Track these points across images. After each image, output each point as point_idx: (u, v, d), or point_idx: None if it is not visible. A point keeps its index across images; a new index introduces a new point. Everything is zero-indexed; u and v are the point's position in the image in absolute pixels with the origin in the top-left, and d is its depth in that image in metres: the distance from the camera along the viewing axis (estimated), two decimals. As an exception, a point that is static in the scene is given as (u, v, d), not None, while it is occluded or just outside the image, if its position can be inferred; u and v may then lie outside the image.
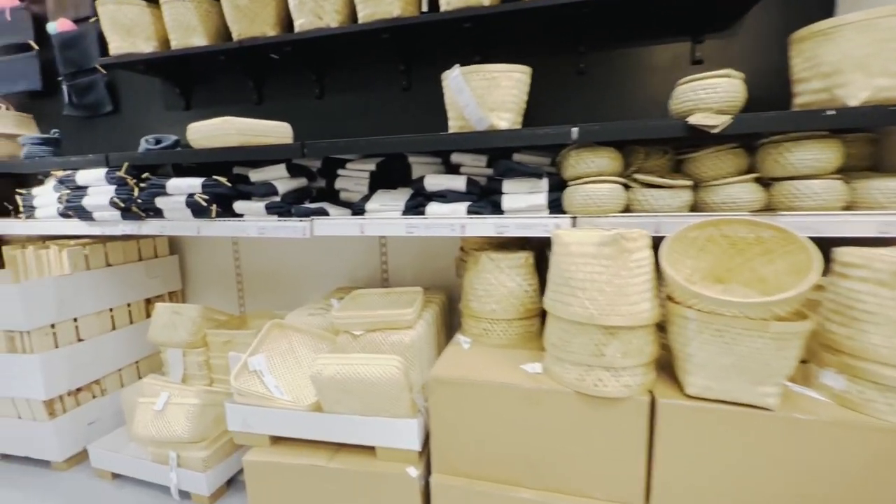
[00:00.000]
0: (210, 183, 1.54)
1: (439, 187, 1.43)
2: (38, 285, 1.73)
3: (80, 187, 1.71)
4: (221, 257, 2.35)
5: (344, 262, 2.15)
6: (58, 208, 1.77)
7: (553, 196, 1.33)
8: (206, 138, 1.52)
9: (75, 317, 1.86)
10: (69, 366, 1.83)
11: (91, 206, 1.68)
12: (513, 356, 1.31)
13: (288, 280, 2.25)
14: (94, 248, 1.94)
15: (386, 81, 1.93)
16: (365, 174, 1.67)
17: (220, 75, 2.15)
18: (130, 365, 2.11)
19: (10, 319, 1.71)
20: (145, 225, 1.67)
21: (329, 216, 1.51)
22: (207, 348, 1.93)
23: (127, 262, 2.10)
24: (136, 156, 1.63)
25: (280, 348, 1.55)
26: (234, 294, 2.36)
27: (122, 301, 2.07)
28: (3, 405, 1.84)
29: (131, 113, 2.37)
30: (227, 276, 2.35)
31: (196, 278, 2.43)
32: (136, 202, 1.63)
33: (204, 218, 1.58)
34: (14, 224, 1.89)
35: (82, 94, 2.35)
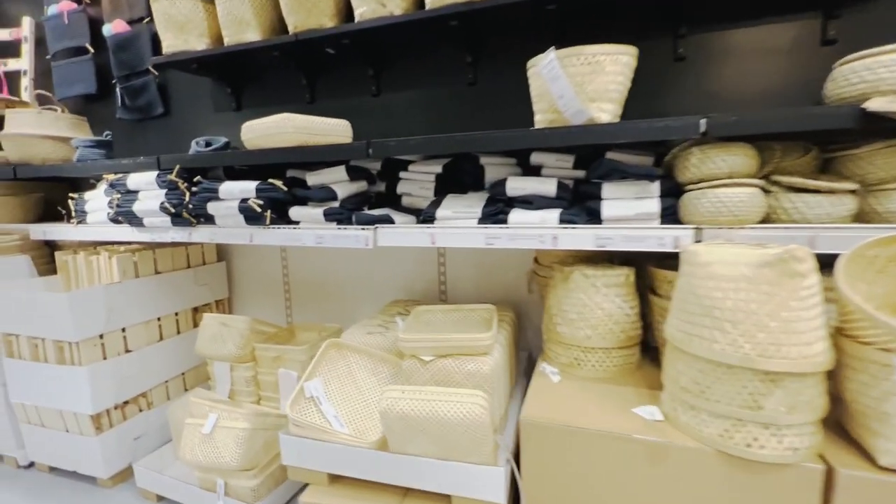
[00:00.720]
0: (265, 187, 1.40)
1: (523, 192, 1.23)
2: (87, 294, 1.65)
3: (131, 191, 1.62)
4: (269, 264, 2.23)
5: (398, 272, 1.99)
6: (108, 213, 1.69)
7: (667, 203, 1.10)
8: (262, 137, 1.39)
9: (123, 327, 1.78)
10: (117, 378, 1.74)
11: (141, 211, 1.58)
12: (617, 395, 1.09)
13: (337, 290, 2.11)
14: (144, 254, 1.86)
15: (450, 76, 1.75)
16: (430, 177, 1.49)
17: (271, 74, 2.04)
18: (177, 377, 2.02)
19: (59, 330, 1.64)
20: (196, 232, 1.56)
21: (394, 224, 1.34)
22: (256, 363, 1.81)
23: (175, 269, 2.01)
24: (188, 157, 1.52)
25: (338, 371, 1.39)
26: (282, 303, 2.24)
27: (170, 310, 1.98)
28: (51, 417, 1.77)
29: (182, 115, 2.30)
30: (274, 284, 2.24)
31: (243, 286, 2.33)
32: (187, 207, 1.51)
33: (257, 225, 1.45)
34: (64, 229, 1.83)
35: (135, 97, 2.30)
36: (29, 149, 1.89)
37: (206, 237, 1.54)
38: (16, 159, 1.92)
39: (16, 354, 1.78)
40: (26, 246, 1.98)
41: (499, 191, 1.26)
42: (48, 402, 1.73)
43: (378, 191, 1.61)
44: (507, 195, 1.25)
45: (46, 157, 1.92)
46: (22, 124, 1.88)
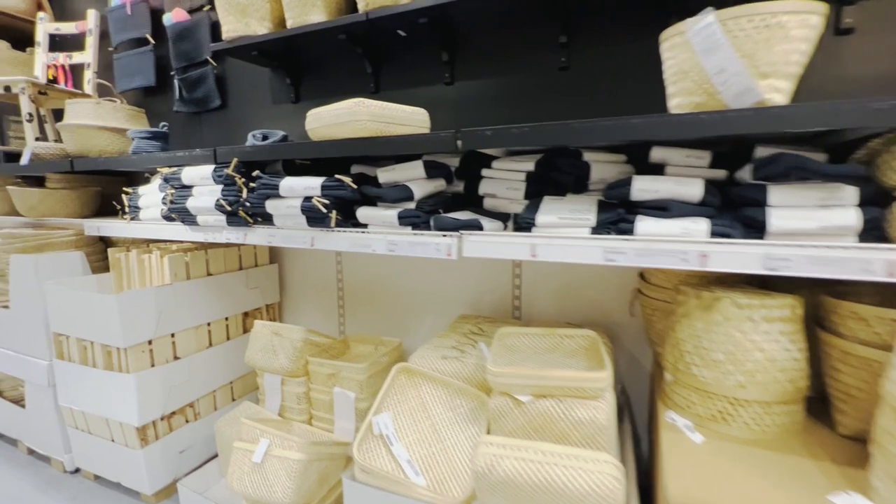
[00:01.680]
0: (332, 184, 1.21)
1: (656, 195, 0.97)
2: (137, 297, 1.53)
3: (185, 187, 1.48)
4: (323, 268, 2.07)
5: (465, 283, 1.76)
6: (162, 210, 1.56)
7: (870, 213, 0.82)
8: (330, 127, 1.20)
9: (173, 332, 1.66)
10: (164, 387, 1.62)
11: (195, 208, 1.44)
12: (795, 469, 0.81)
13: (395, 300, 1.91)
14: (196, 255, 1.73)
15: (538, 61, 1.51)
16: (520, 175, 1.25)
17: (333, 61, 1.88)
18: (225, 386, 1.89)
19: (107, 333, 1.52)
20: (251, 233, 1.40)
21: (483, 231, 1.11)
22: (309, 378, 1.64)
23: (227, 270, 1.88)
24: (247, 150, 1.36)
25: (409, 403, 1.18)
26: (334, 311, 2.07)
27: (221, 314, 1.85)
28: (97, 424, 1.67)
29: (238, 107, 2.19)
30: (327, 289, 2.07)
31: (294, 290, 2.18)
32: (244, 205, 1.35)
33: (321, 227, 1.27)
34: (117, 226, 1.73)
35: (192, 89, 2.21)
36: (87, 141, 1.81)
37: (263, 239, 1.38)
38: (74, 151, 1.85)
39: (66, 356, 1.69)
40: (81, 241, 1.91)
41: (619, 193, 1.01)
42: (94, 409, 1.63)
43: (454, 191, 1.39)
44: (630, 198, 0.99)
45: (103, 149, 1.84)
46: (80, 115, 1.81)
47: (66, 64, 2.51)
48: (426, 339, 1.86)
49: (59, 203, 1.98)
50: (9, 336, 1.85)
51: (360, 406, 1.53)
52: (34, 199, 1.95)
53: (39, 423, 1.84)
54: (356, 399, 1.52)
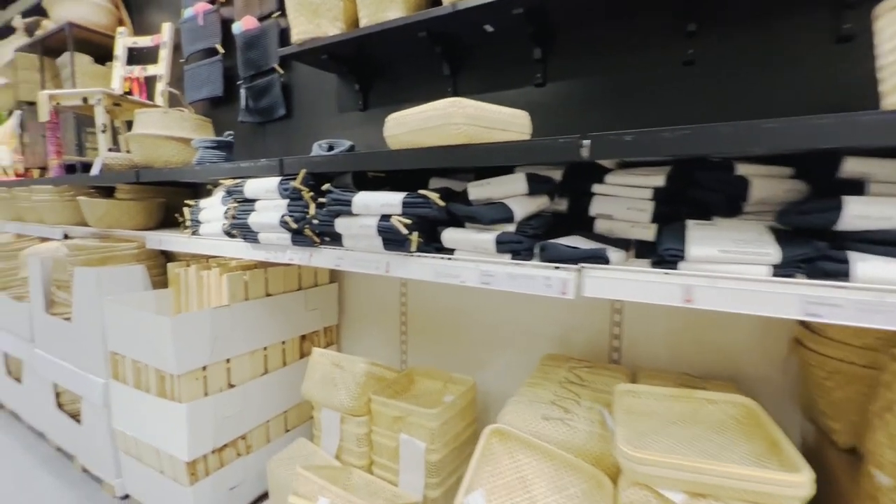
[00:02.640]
0: (414, 200, 1.02)
1: (881, 223, 0.68)
2: (192, 320, 1.40)
3: (248, 200, 1.34)
4: (385, 291, 1.89)
5: (551, 316, 1.51)
6: (223, 225, 1.44)
7: None
8: (417, 132, 1.00)
9: (228, 357, 1.52)
10: (217, 418, 1.48)
11: (257, 224, 1.30)
12: None
13: (468, 331, 1.68)
14: (255, 273, 1.60)
15: (654, 54, 1.26)
16: (645, 192, 1.00)
17: (406, 64, 1.71)
18: (278, 416, 1.73)
19: (161, 358, 1.41)
20: (318, 254, 1.23)
21: (610, 265, 0.87)
22: (371, 419, 1.44)
23: (286, 290, 1.74)
24: (317, 160, 1.20)
25: (504, 477, 0.94)
26: (396, 338, 1.88)
27: (278, 338, 1.70)
28: (148, 453, 1.55)
29: (303, 117, 2.08)
30: (389, 314, 1.88)
31: (352, 313, 2.01)
32: (311, 223, 1.19)
33: (399, 251, 1.07)
34: (178, 240, 1.63)
35: (258, 98, 2.13)
36: (153, 151, 1.75)
37: (330, 262, 1.20)
38: (140, 162, 1.80)
39: (121, 377, 1.60)
40: (143, 254, 1.85)
41: (818, 220, 0.73)
42: (145, 437, 1.52)
43: (554, 209, 1.16)
44: (838, 228, 0.71)
45: (169, 159, 1.77)
46: (148, 124, 1.75)
47: (142, 76, 2.54)
48: (502, 378, 1.62)
49: (125, 214, 1.94)
50: (69, 350, 1.80)
51: (430, 458, 1.30)
52: (101, 210, 1.92)
53: (93, 443, 1.77)
54: (426, 450, 1.30)
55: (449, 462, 1.36)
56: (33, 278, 1.96)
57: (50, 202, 2.21)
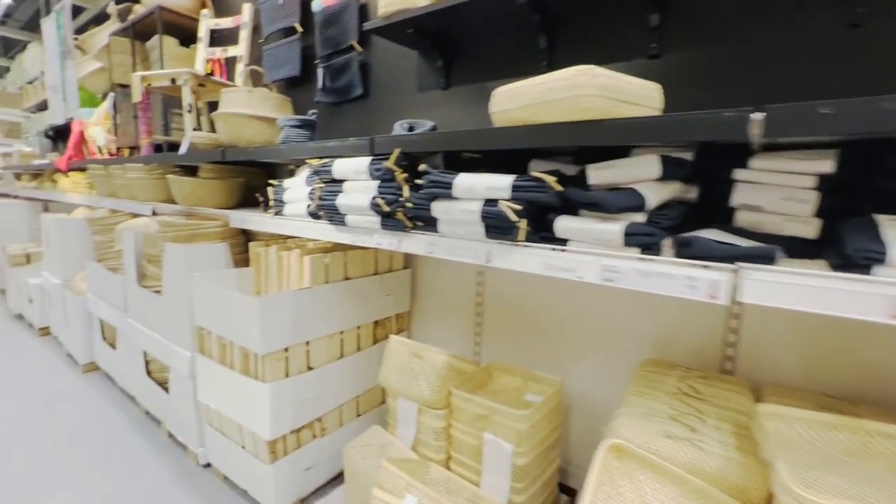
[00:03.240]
0: (526, 184, 0.91)
1: None
2: (277, 301, 1.39)
3: (336, 181, 1.30)
4: (460, 277, 1.81)
5: (650, 315, 1.36)
6: (308, 206, 1.41)
7: None
8: (535, 106, 0.89)
9: (307, 340, 1.51)
10: (296, 399, 1.48)
11: (345, 206, 1.25)
12: None
13: (552, 326, 1.57)
14: (335, 256, 1.57)
15: (801, 16, 1.06)
16: (807, 180, 0.83)
17: (497, 38, 1.59)
18: (351, 400, 1.72)
19: (247, 337, 1.41)
20: (408, 240, 1.16)
21: (774, 267, 0.72)
22: (451, 412, 1.37)
23: (363, 274, 1.70)
24: (413, 138, 1.12)
25: (623, 499, 0.83)
26: (470, 329, 1.80)
27: (354, 323, 1.68)
28: (230, 428, 1.59)
29: (381, 96, 2.02)
30: (463, 303, 1.81)
31: (424, 299, 1.96)
32: (404, 206, 1.12)
33: (503, 239, 0.97)
34: (262, 220, 1.64)
35: (336, 77, 2.09)
36: (238, 130, 1.76)
37: (422, 248, 1.13)
38: (225, 141, 1.82)
39: (206, 351, 1.64)
40: (226, 233, 1.88)
41: None
42: (228, 412, 1.55)
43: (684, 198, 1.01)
44: None
45: (252, 139, 1.78)
46: (233, 103, 1.76)
47: (222, 58, 2.59)
48: (588, 380, 1.50)
49: (209, 192, 1.98)
50: (159, 321, 1.89)
51: (516, 461, 1.22)
52: (187, 189, 1.98)
53: (179, 411, 1.85)
54: (513, 453, 1.21)
55: (535, 466, 1.27)
56: (127, 252, 2.07)
57: (141, 180, 2.32)
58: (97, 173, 2.82)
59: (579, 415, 1.54)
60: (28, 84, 5.42)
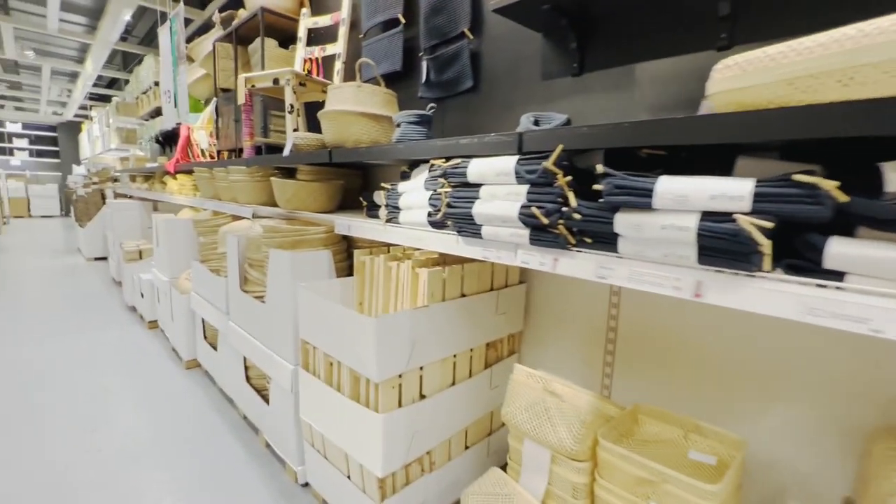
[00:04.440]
0: (780, 190, 0.63)
1: None
2: (394, 322, 1.22)
3: (470, 185, 1.09)
4: (586, 296, 1.54)
5: (861, 359, 1.00)
6: (429, 213, 1.23)
7: None
8: (805, 80, 0.61)
9: (422, 365, 1.33)
10: (409, 432, 1.31)
11: (483, 215, 1.04)
12: None
13: (712, 363, 1.25)
14: (453, 270, 1.38)
15: None
16: None
17: (655, 5, 1.30)
18: (459, 431, 1.52)
19: (359, 360, 1.26)
20: (568, 260, 0.92)
21: None
22: (597, 467, 1.12)
23: (479, 290, 1.50)
24: (586, 131, 0.88)
25: None
26: (598, 358, 1.53)
27: (467, 345, 1.48)
28: (335, 453, 1.46)
29: (493, 89, 1.80)
30: (590, 326, 1.54)
31: (540, 318, 1.71)
32: (570, 217, 0.88)
33: (735, 266, 0.70)
34: (368, 227, 1.49)
35: (442, 69, 1.91)
36: (345, 129, 1.63)
37: (588, 271, 0.88)
38: (331, 141, 1.70)
39: (311, 367, 1.53)
40: (329, 239, 1.77)
41: None
42: (333, 437, 1.42)
43: None
44: None
45: (359, 138, 1.64)
46: (341, 100, 1.64)
47: (320, 56, 2.53)
48: (769, 441, 1.17)
49: (310, 196, 1.89)
50: (261, 329, 1.82)
51: (699, 551, 0.94)
52: (289, 192, 1.90)
53: (279, 424, 1.77)
54: (696, 540, 0.93)
55: (721, 557, 0.98)
56: (230, 256, 2.05)
57: (243, 182, 2.31)
58: (202, 175, 2.91)
59: (758, 484, 1.21)
60: (143, 94, 5.95)
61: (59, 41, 6.94)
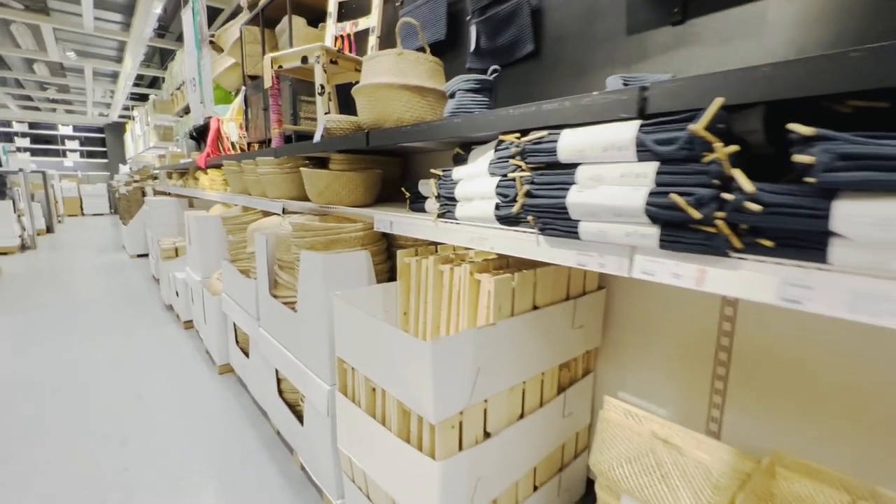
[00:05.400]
0: None
1: None
2: (456, 345, 0.95)
3: (562, 167, 0.80)
4: (686, 308, 1.22)
5: None
6: (496, 206, 0.94)
7: None
8: None
9: (486, 397, 1.06)
10: (471, 479, 1.04)
11: (584, 206, 0.74)
12: None
13: (868, 404, 0.92)
14: (525, 276, 1.09)
15: None
16: None
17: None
18: (528, 473, 1.24)
19: (410, 392, 1.00)
20: (732, 274, 0.61)
21: None
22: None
23: (554, 300, 1.21)
24: (764, 72, 0.56)
25: None
26: (703, 385, 1.21)
27: (538, 368, 1.19)
28: (379, 496, 1.22)
29: (560, 52, 1.48)
30: (690, 344, 1.22)
31: (622, 331, 1.40)
32: (741, 208, 0.58)
33: None
34: (417, 224, 1.22)
35: (496, 33, 1.61)
36: (385, 106, 1.37)
37: (769, 291, 0.57)
38: (367, 122, 1.44)
39: (349, 392, 1.29)
40: (367, 238, 1.52)
41: None
42: (378, 478, 1.18)
43: None
44: None
45: (401, 116, 1.37)
46: (380, 71, 1.37)
47: (352, 32, 2.28)
48: None
49: (345, 188, 1.65)
50: (294, 341, 1.61)
51: None
52: (322, 184, 1.67)
53: (314, 449, 1.56)
54: None
55: None
56: (259, 256, 1.85)
57: (271, 175, 2.11)
58: (231, 169, 2.74)
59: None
60: (177, 90, 5.93)
61: (97, 41, 7.06)
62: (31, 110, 12.75)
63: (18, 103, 11.70)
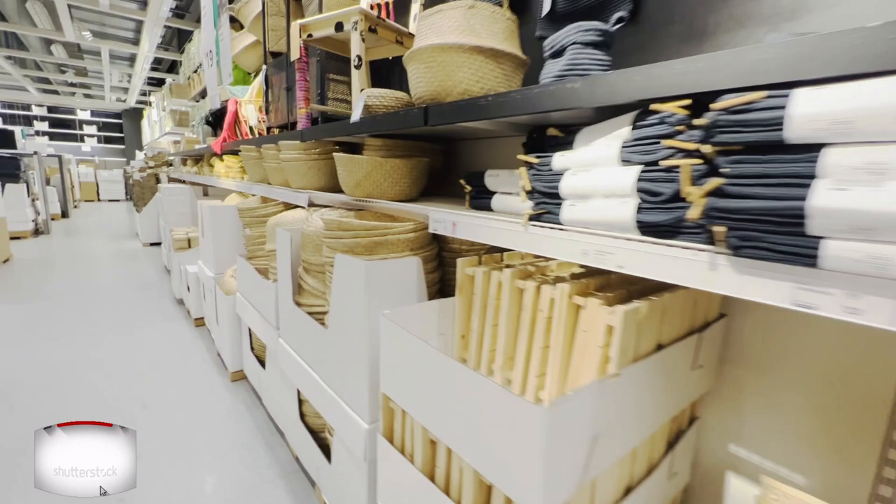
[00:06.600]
0: None
1: None
2: (574, 407, 0.66)
3: (791, 150, 0.50)
4: (840, 340, 0.91)
5: None
6: (639, 207, 0.64)
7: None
8: None
9: (598, 473, 0.77)
10: (572, 583, 0.75)
11: (859, 214, 0.44)
12: None
13: None
14: (653, 306, 0.79)
15: None
16: None
17: None
18: (629, 552, 0.95)
19: (501, 468, 0.71)
20: None
21: None
22: None
23: (678, 335, 0.91)
24: None
25: None
26: (867, 450, 0.90)
27: (652, 426, 0.89)
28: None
29: (667, 13, 1.17)
30: (847, 391, 0.91)
31: (737, 367, 1.10)
32: None
33: None
34: (493, 228, 0.92)
35: (580, -10, 1.30)
36: (448, 74, 1.07)
37: None
38: (423, 95, 1.15)
39: (396, 439, 1.01)
40: (417, 240, 1.24)
41: None
42: (438, 561, 0.90)
43: None
44: None
45: (468, 88, 1.08)
46: (442, 30, 1.07)
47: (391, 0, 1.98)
48: None
49: (388, 179, 1.36)
50: (322, 362, 1.34)
51: None
52: (360, 173, 1.38)
53: (343, 492, 1.29)
54: None
55: None
56: (281, 257, 1.58)
57: (296, 161, 1.83)
58: (249, 155, 2.47)
59: None
60: (194, 73, 5.70)
61: (113, 21, 6.86)
62: (49, 94, 12.72)
63: (37, 86, 11.65)
